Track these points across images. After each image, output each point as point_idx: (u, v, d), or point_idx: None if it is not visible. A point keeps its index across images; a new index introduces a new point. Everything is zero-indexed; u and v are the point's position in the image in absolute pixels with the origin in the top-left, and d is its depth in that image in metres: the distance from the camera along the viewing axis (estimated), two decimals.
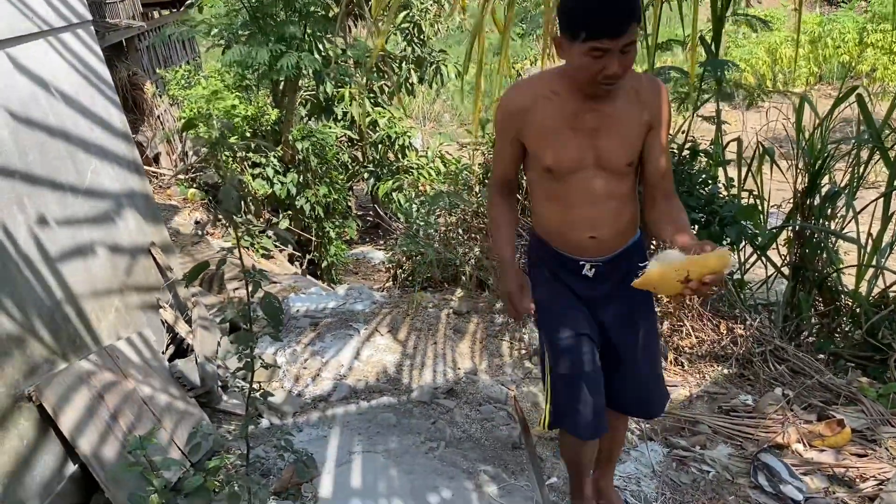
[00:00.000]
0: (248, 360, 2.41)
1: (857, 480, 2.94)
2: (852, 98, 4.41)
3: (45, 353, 2.53)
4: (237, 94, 6.90)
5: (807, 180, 4.59)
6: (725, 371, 3.92)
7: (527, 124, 1.96)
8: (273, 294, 2.31)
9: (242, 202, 2.28)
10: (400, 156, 8.97)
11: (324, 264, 7.98)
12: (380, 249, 9.69)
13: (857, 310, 4.40)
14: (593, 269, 2.09)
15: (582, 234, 2.03)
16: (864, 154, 4.60)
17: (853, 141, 4.58)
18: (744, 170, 5.08)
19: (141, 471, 2.45)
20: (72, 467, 2.55)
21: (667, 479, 3.02)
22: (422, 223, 6.29)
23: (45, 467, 2.42)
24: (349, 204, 9.33)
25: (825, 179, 4.63)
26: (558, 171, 1.96)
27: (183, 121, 6.69)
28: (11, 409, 2.29)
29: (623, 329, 2.20)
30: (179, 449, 2.81)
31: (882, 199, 4.40)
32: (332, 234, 7.86)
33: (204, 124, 6.06)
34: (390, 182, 8.47)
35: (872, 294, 4.45)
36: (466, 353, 4.50)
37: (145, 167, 8.01)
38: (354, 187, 10.00)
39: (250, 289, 2.34)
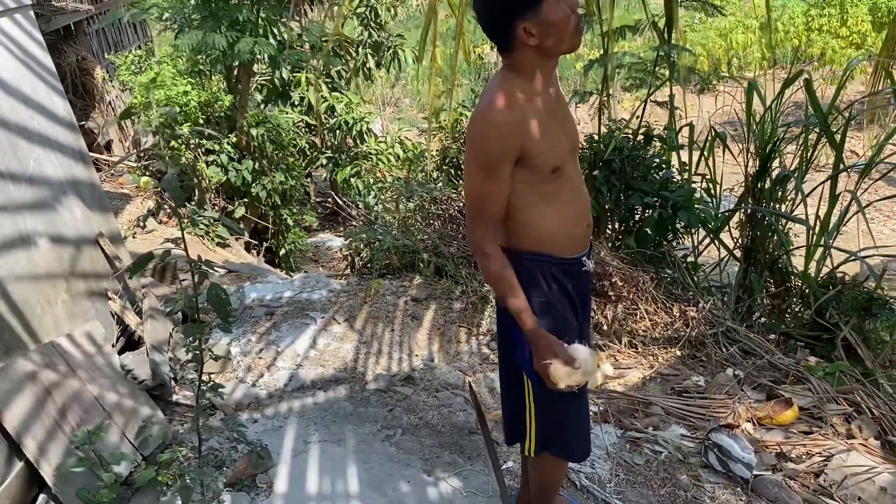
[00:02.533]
0: (197, 352, 2.37)
1: (804, 457, 3.02)
2: (801, 82, 4.50)
3: None
4: (189, 80, 6.75)
5: (757, 164, 4.67)
6: (678, 353, 3.98)
7: (528, 132, 1.80)
8: (219, 285, 2.28)
9: (192, 190, 2.23)
10: (358, 141, 8.88)
11: (281, 252, 7.89)
12: (339, 236, 9.62)
13: (807, 290, 4.51)
14: (591, 262, 2.06)
15: (580, 226, 1.97)
16: (813, 137, 4.70)
17: (801, 124, 4.67)
18: (696, 154, 5.15)
19: (90, 466, 2.40)
20: (17, 465, 2.49)
21: (620, 461, 3.06)
22: (380, 210, 6.27)
23: None
24: (307, 191, 9.23)
25: (776, 163, 4.72)
26: (561, 166, 1.86)
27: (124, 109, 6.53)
28: None
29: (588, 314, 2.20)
30: (130, 443, 2.76)
31: (829, 181, 4.50)
32: (290, 222, 7.77)
33: (146, 112, 5.91)
34: (349, 168, 8.40)
35: (821, 275, 4.57)
36: (424, 340, 4.50)
37: (97, 155, 7.83)
38: (313, 174, 9.89)
39: (196, 280, 2.30)
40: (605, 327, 4.14)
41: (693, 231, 4.99)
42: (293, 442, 3.19)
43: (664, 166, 5.03)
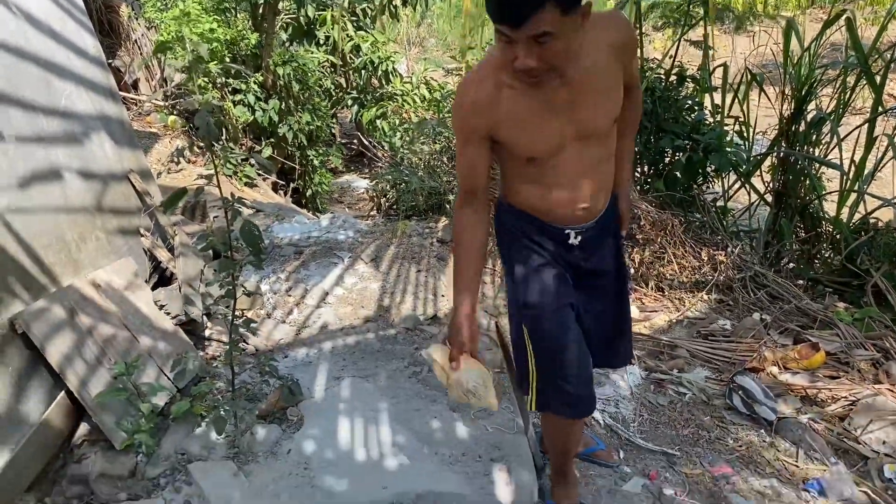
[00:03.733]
0: (230, 287, 2.41)
1: (829, 401, 3.03)
2: (841, 22, 4.35)
3: (27, 282, 2.51)
4: (215, 17, 6.68)
5: (793, 106, 4.56)
6: (705, 297, 3.97)
7: (497, 119, 1.72)
8: (252, 222, 2.30)
9: (221, 129, 2.23)
10: (384, 82, 8.80)
11: (308, 193, 7.91)
12: (364, 178, 9.62)
13: (838, 236, 4.45)
14: (579, 237, 1.94)
15: (572, 209, 1.87)
16: (851, 80, 4.56)
17: (840, 66, 4.53)
18: (730, 96, 5.04)
19: (128, 397, 2.48)
20: (59, 395, 2.58)
21: (644, 401, 3.10)
22: (406, 151, 6.24)
23: (33, 395, 2.44)
24: (333, 132, 9.20)
25: (811, 105, 4.60)
26: (540, 158, 1.78)
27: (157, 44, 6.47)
28: None
29: (604, 287, 2.09)
30: (166, 376, 2.83)
31: (866, 124, 4.39)
32: (316, 163, 7.76)
33: (179, 48, 5.88)
34: (374, 109, 8.34)
35: (853, 221, 4.49)
36: (450, 281, 4.52)
37: (124, 94, 7.82)
38: (338, 115, 9.83)
39: (229, 217, 2.33)
40: (632, 270, 4.13)
41: (724, 175, 4.92)
42: (323, 377, 3.25)
43: (696, 108, 4.93)
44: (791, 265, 4.69)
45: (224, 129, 6.77)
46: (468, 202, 1.86)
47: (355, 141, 10.73)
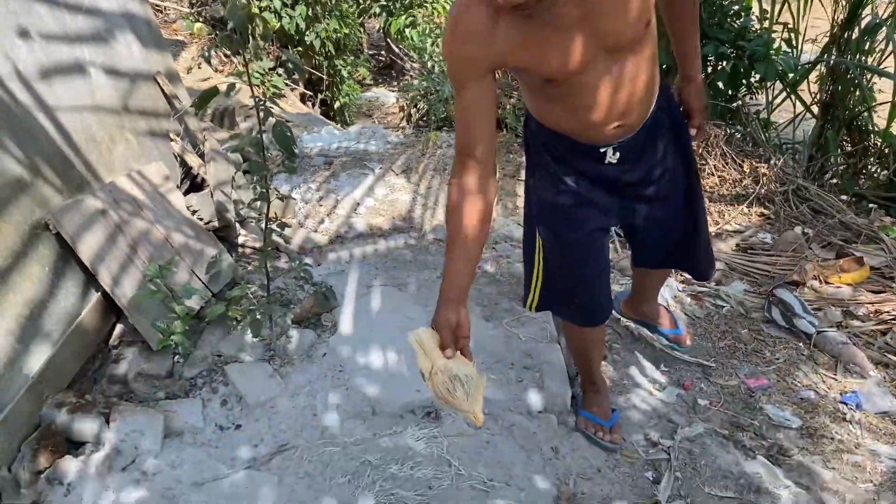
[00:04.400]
0: (263, 190, 2.37)
1: (872, 315, 2.96)
2: None
3: (58, 181, 2.49)
4: None
5: (846, 12, 4.30)
6: (745, 210, 3.86)
7: (498, 49, 1.44)
8: (285, 122, 2.24)
9: (254, 20, 2.13)
10: None
11: (336, 105, 7.77)
12: (393, 91, 9.42)
13: (886, 150, 4.27)
14: (617, 154, 1.74)
15: (604, 128, 1.64)
16: None
17: None
18: (779, 1, 4.77)
19: (162, 298, 2.48)
20: (94, 295, 2.59)
21: (681, 314, 3.05)
22: (437, 59, 6.06)
23: (68, 294, 2.46)
24: (360, 42, 8.96)
25: (866, 11, 4.34)
26: (560, 78, 1.51)
27: None
28: (29, 236, 2.29)
29: (664, 191, 1.88)
30: (199, 279, 2.83)
31: None
32: (344, 73, 7.60)
33: None
34: (403, 17, 8.07)
35: None
36: None
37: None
38: (365, 24, 9.55)
39: (261, 117, 2.26)
40: None
41: (769, 85, 4.70)
42: (355, 285, 3.24)
43: (743, 13, 4.67)
44: (835, 180, 4.54)
45: (252, 37, 6.61)
46: (466, 168, 1.48)
47: (383, 52, 10.47)
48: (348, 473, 2.06)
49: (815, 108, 4.68)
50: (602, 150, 1.72)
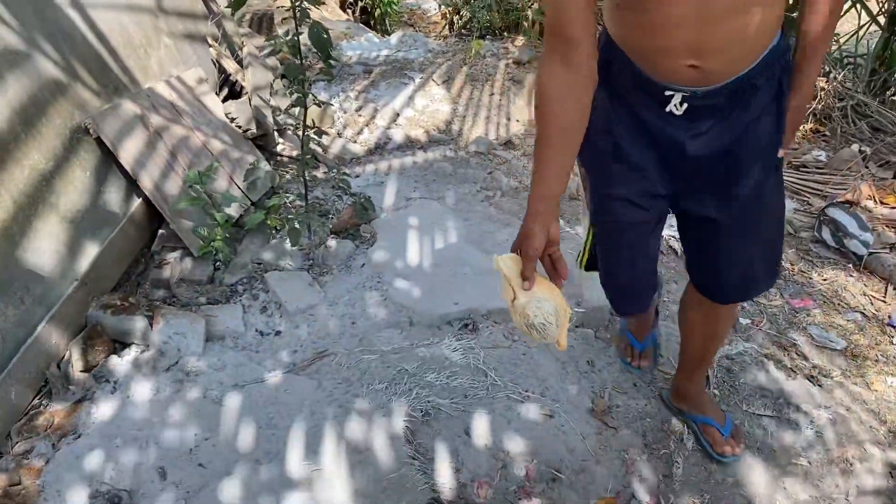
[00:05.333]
0: (300, 95, 2.32)
1: None
2: None
3: (96, 85, 2.47)
4: None
5: None
6: (801, 126, 3.70)
7: None
8: (322, 24, 2.16)
9: None
10: None
11: (376, 13, 7.56)
12: None
13: None
14: (685, 105, 1.31)
15: (674, 61, 1.25)
16: None
17: None
18: None
19: (202, 205, 2.49)
20: (136, 200, 2.61)
21: None
22: None
23: (111, 199, 2.48)
24: None
25: None
26: None
27: None
28: (70, 140, 2.29)
29: (725, 189, 1.44)
30: (238, 187, 2.83)
31: None
32: None
33: None
34: None
35: None
36: (524, 105, 4.33)
37: None
38: None
39: (298, 18, 2.19)
40: None
41: None
42: (394, 197, 3.22)
43: None
44: None
45: None
46: (558, 52, 1.22)
47: None
48: (385, 380, 2.09)
49: (881, 19, 4.39)
50: (668, 92, 1.30)
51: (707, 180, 1.43)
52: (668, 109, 1.33)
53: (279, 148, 3.37)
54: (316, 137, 2.51)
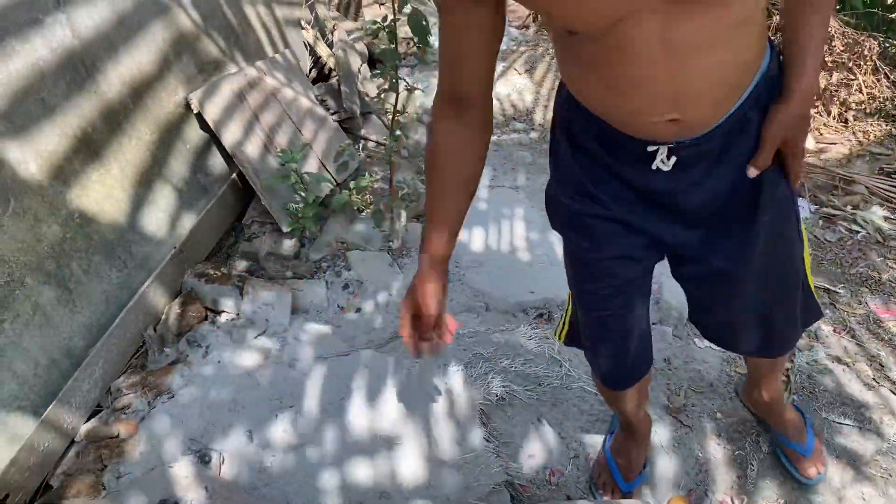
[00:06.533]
0: (393, 80, 2.38)
1: None
2: None
3: (196, 63, 2.59)
4: None
5: None
6: (895, 131, 3.58)
7: None
8: (421, 10, 2.21)
9: None
10: None
11: None
12: None
13: None
14: (672, 158, 1.13)
15: (651, 118, 1.05)
16: None
17: None
18: None
19: (293, 183, 2.58)
20: (231, 175, 2.73)
21: (811, 236, 2.91)
22: None
23: (209, 172, 2.60)
24: None
25: None
26: (587, 30, 0.96)
27: None
28: (173, 114, 2.41)
29: (727, 237, 1.24)
30: (326, 168, 2.92)
31: None
32: None
33: None
34: None
35: None
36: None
37: None
38: None
39: (396, 4, 2.24)
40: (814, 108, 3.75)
41: None
42: None
43: None
44: None
45: None
46: (451, 108, 1.12)
47: None
48: (461, 362, 2.14)
49: None
50: (650, 148, 1.13)
51: (710, 228, 1.23)
52: (654, 167, 1.15)
53: (365, 132, 3.44)
54: (403, 121, 2.57)
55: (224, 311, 2.34)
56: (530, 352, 2.22)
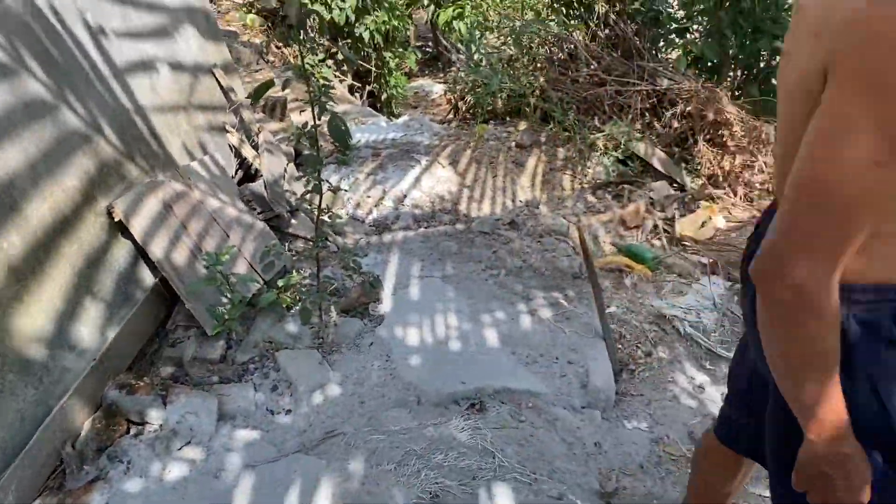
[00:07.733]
0: (316, 182, 2.43)
1: None
2: None
3: (117, 170, 2.59)
4: None
5: None
6: None
7: None
8: (340, 116, 2.29)
9: (310, 17, 2.19)
10: None
11: (383, 96, 7.83)
12: (439, 83, 9.45)
13: None
14: None
15: None
16: None
17: None
18: None
19: (218, 285, 2.56)
20: (152, 280, 2.69)
21: (727, 312, 3.03)
22: (484, 52, 6.07)
23: (129, 279, 2.56)
24: (408, 34, 8.99)
25: None
26: None
27: None
28: (92, 223, 2.39)
29: None
30: (253, 267, 2.92)
31: None
32: (392, 65, 7.65)
33: None
34: (451, 9, 8.08)
35: None
36: (527, 185, 4.47)
37: None
38: (413, 16, 9.58)
39: (316, 111, 2.31)
40: (720, 178, 3.98)
41: None
42: (401, 275, 3.30)
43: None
44: None
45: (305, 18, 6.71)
46: (840, 248, 0.87)
47: (430, 44, 10.48)
48: (394, 461, 2.12)
49: None
50: None
51: None
52: None
53: (292, 230, 3.47)
54: (329, 221, 2.61)
55: (147, 423, 2.26)
56: (463, 444, 2.21)
